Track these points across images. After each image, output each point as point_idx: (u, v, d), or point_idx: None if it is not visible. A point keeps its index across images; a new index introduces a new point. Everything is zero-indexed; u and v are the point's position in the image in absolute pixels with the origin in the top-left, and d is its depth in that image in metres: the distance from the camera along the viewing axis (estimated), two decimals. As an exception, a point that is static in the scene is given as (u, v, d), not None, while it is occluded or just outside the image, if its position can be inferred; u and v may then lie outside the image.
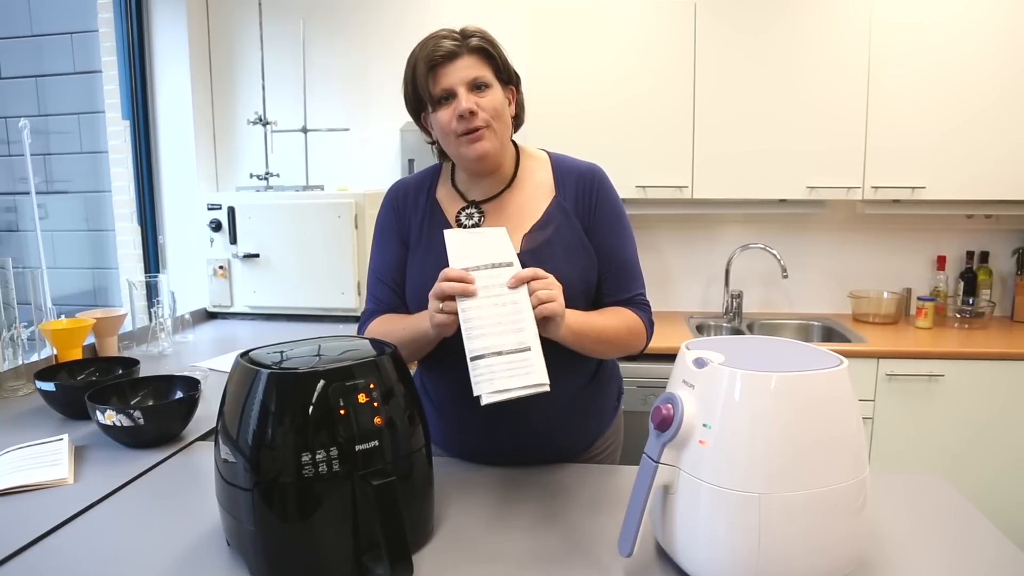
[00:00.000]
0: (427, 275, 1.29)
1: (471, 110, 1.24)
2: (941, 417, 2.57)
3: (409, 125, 3.13)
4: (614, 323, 1.31)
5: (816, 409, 0.88)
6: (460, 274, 1.13)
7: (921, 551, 1.05)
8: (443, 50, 1.25)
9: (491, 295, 1.13)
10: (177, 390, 1.64)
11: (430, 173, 1.46)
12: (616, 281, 1.36)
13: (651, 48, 2.80)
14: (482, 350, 1.09)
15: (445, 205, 1.40)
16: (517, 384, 1.07)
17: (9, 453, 1.43)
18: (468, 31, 1.29)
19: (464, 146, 1.27)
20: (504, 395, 1.06)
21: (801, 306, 3.24)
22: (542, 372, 1.08)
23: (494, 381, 1.07)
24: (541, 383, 1.08)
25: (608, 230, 1.36)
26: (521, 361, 1.09)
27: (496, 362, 1.08)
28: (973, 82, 2.66)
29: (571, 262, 1.31)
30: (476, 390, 1.06)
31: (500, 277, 1.15)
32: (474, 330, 1.11)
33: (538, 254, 1.29)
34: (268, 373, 0.96)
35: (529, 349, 1.10)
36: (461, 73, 1.25)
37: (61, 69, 3.39)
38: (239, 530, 0.99)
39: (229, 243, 2.92)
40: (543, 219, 1.34)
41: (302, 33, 3.15)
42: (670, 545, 0.97)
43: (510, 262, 1.17)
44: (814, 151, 2.78)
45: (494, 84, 1.28)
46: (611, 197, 1.38)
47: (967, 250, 3.08)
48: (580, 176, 1.37)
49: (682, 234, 3.24)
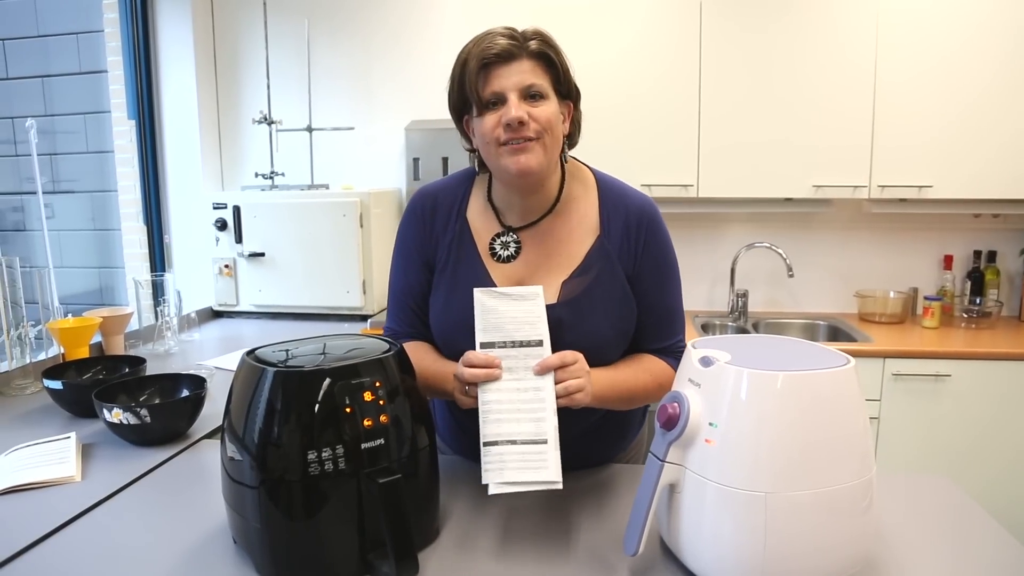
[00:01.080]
0: (451, 312, 1.25)
1: (520, 119, 1.11)
2: (947, 417, 2.56)
3: (414, 124, 3.13)
4: (643, 380, 1.23)
5: (822, 408, 0.87)
6: (485, 359, 1.08)
7: (927, 551, 1.04)
8: (498, 48, 1.12)
9: (514, 377, 1.08)
10: (183, 388, 1.65)
11: (462, 182, 1.32)
12: (656, 329, 1.28)
13: (656, 46, 2.79)
14: (496, 436, 1.04)
15: (477, 227, 1.27)
16: (528, 479, 1.02)
17: (17, 451, 1.43)
18: (528, 32, 1.17)
19: (506, 156, 1.14)
20: (512, 488, 1.02)
21: (807, 305, 3.23)
22: (556, 469, 1.02)
23: (504, 472, 1.02)
24: (553, 481, 1.02)
25: (653, 280, 1.26)
26: (535, 455, 1.03)
27: (509, 451, 1.04)
28: (980, 80, 2.65)
29: (609, 314, 1.22)
30: (484, 478, 1.02)
31: (527, 358, 1.09)
32: (491, 414, 1.06)
33: (576, 306, 1.20)
34: (274, 371, 0.97)
35: (546, 442, 1.04)
36: (516, 77, 1.13)
37: (67, 69, 3.40)
38: (245, 528, 0.99)
39: (234, 242, 2.93)
40: (584, 263, 1.23)
41: (307, 32, 3.16)
42: (676, 544, 0.97)
43: (540, 340, 1.11)
44: (820, 150, 2.77)
45: (550, 95, 1.16)
46: (660, 241, 1.27)
47: (974, 249, 3.07)
48: (628, 216, 1.25)
49: (687, 233, 3.23)
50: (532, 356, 1.10)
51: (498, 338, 1.11)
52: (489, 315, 1.13)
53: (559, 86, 1.18)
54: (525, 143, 1.13)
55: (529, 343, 1.10)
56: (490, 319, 1.13)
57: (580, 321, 1.18)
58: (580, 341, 1.15)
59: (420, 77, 3.22)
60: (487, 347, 1.11)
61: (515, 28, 1.18)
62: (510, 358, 1.09)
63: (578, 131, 1.27)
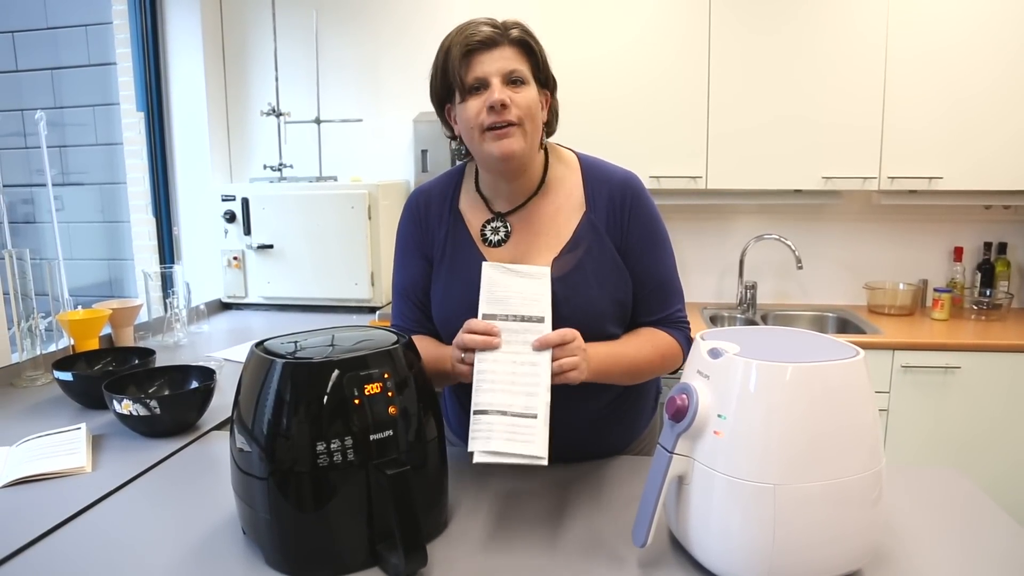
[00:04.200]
0: (452, 297, 1.28)
1: (503, 102, 1.15)
2: (957, 409, 2.55)
3: (422, 116, 3.12)
4: (645, 352, 1.25)
5: (832, 400, 0.87)
6: (485, 327, 1.09)
7: (936, 543, 1.04)
8: (481, 36, 1.17)
9: (512, 351, 1.08)
10: (193, 380, 1.66)
11: (452, 177, 1.37)
12: (652, 301, 1.29)
13: (664, 36, 2.77)
14: (487, 405, 1.04)
15: (469, 217, 1.32)
16: (513, 451, 1.01)
17: (28, 442, 1.44)
18: (509, 22, 1.21)
19: (490, 142, 1.18)
20: (497, 458, 1.01)
21: (816, 297, 3.22)
22: (543, 445, 1.02)
23: (491, 440, 1.02)
24: (538, 456, 1.01)
25: (643, 250, 1.28)
26: (524, 427, 1.03)
27: (498, 421, 1.03)
28: (991, 71, 2.62)
29: (603, 286, 1.24)
30: (471, 445, 1.02)
31: (527, 333, 1.09)
32: (484, 383, 1.06)
33: (569, 281, 1.22)
34: (283, 363, 0.97)
35: (535, 417, 1.04)
36: (498, 63, 1.17)
37: (76, 61, 3.41)
38: (254, 519, 0.99)
39: (243, 234, 2.94)
40: (573, 239, 1.26)
41: (315, 24, 3.15)
42: (684, 536, 0.97)
43: (541, 318, 1.11)
44: (830, 141, 2.75)
45: (530, 82, 1.20)
46: (646, 212, 1.29)
47: (984, 241, 3.04)
48: (612, 190, 1.28)
49: (696, 225, 3.22)
50: (532, 332, 1.10)
51: (500, 311, 1.12)
52: (495, 288, 1.14)
53: (538, 74, 1.22)
54: (507, 127, 1.17)
55: (531, 319, 1.11)
56: (495, 292, 1.14)
57: (574, 295, 1.19)
58: (576, 315, 1.17)
59: (428, 68, 3.19)
60: (489, 319, 1.12)
61: (495, 18, 1.21)
62: (510, 331, 1.10)
63: (556, 119, 1.31)
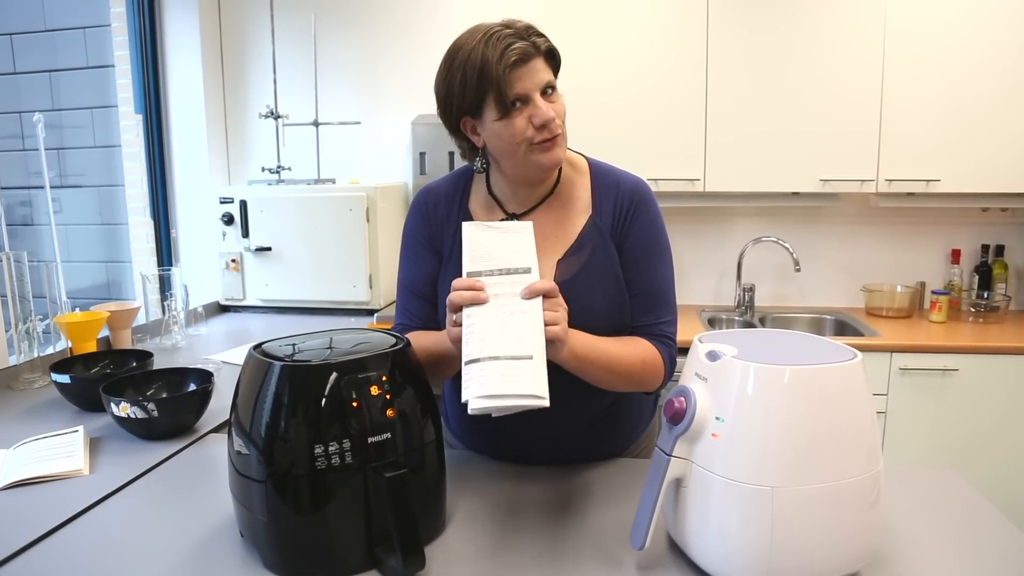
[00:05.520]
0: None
1: (553, 119, 1.15)
2: (955, 411, 2.55)
3: (421, 118, 3.12)
4: (627, 352, 1.21)
5: (830, 403, 0.87)
6: (469, 283, 1.07)
7: (934, 545, 1.04)
8: (518, 52, 1.13)
9: (501, 304, 1.04)
10: (190, 382, 1.65)
11: (461, 179, 1.36)
12: (638, 306, 1.27)
13: (662, 39, 2.78)
14: (478, 354, 0.98)
15: (479, 217, 1.31)
16: (511, 391, 0.94)
17: (25, 444, 1.44)
18: (532, 29, 1.19)
19: (538, 153, 1.17)
20: (494, 401, 0.94)
21: (814, 300, 3.22)
22: (542, 384, 0.95)
23: (485, 384, 0.95)
24: (538, 395, 0.95)
25: (640, 252, 1.27)
26: (520, 368, 0.96)
27: (491, 366, 0.96)
28: (988, 73, 2.63)
29: (606, 292, 1.25)
30: (464, 395, 0.95)
31: (514, 284, 1.06)
32: (474, 335, 1.00)
33: (572, 285, 1.21)
34: (281, 365, 0.97)
35: (531, 358, 0.98)
36: (536, 77, 1.15)
37: (74, 64, 3.40)
38: (252, 521, 0.99)
39: (241, 236, 2.94)
40: (577, 242, 1.26)
41: (313, 26, 3.15)
42: (682, 539, 0.97)
43: (528, 268, 1.08)
44: (827, 143, 2.76)
45: (558, 88, 1.20)
46: (649, 218, 1.28)
47: (982, 243, 3.05)
48: (619, 195, 1.28)
49: (694, 227, 3.22)
50: (519, 283, 1.07)
51: (485, 267, 1.09)
52: (476, 246, 1.12)
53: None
54: (555, 138, 1.17)
55: (517, 271, 1.09)
56: (478, 249, 1.11)
57: (577, 298, 1.18)
58: (576, 318, 1.16)
59: (427, 71, 3.16)
60: (474, 276, 1.09)
61: (512, 22, 1.18)
62: (497, 285, 1.06)
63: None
